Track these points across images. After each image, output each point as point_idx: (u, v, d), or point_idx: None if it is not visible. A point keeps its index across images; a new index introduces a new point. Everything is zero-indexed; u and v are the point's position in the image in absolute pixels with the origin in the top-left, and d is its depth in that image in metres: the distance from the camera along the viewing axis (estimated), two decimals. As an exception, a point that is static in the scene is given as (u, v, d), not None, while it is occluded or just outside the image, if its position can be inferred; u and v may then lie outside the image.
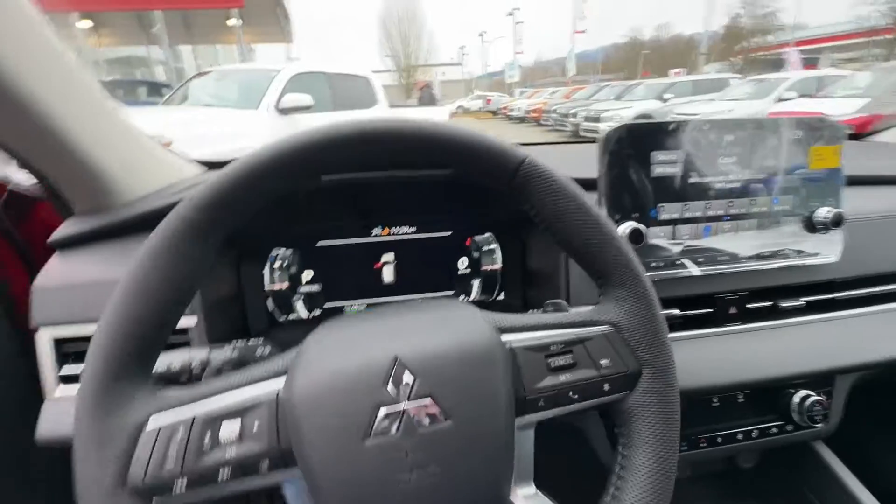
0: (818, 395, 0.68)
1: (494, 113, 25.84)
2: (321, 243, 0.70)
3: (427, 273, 0.74)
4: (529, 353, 0.37)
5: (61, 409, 0.54)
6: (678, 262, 0.63)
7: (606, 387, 0.37)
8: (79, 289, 0.56)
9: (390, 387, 0.32)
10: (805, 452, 0.74)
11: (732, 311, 0.67)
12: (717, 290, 0.66)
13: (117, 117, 0.64)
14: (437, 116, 6.49)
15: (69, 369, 0.55)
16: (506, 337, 0.37)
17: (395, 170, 0.48)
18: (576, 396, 0.37)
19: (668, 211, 0.63)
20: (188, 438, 0.31)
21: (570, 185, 0.39)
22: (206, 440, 0.31)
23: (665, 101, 10.07)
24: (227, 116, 3.81)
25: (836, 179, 0.67)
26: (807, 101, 6.64)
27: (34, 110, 0.51)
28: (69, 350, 0.56)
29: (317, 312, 0.71)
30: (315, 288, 0.71)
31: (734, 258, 0.65)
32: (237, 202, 0.34)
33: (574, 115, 11.68)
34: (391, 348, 0.34)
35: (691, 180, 0.63)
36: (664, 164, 0.62)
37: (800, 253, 0.67)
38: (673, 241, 0.63)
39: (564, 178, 0.39)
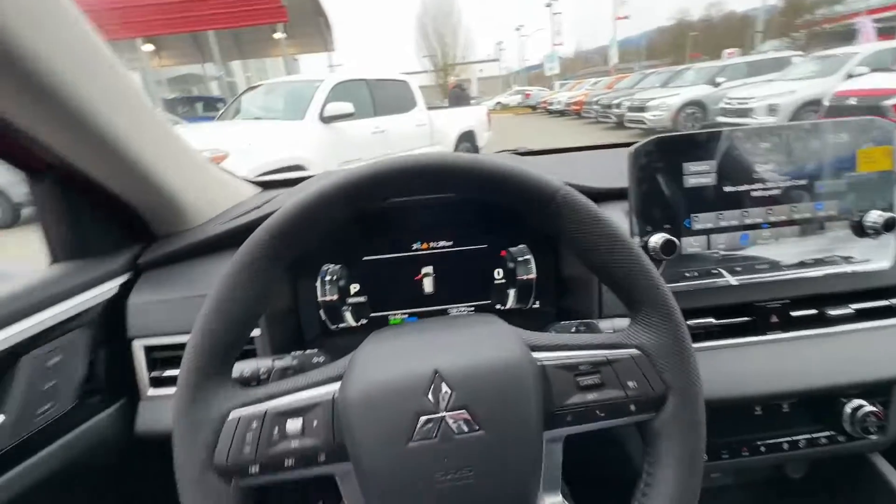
0: (873, 405, 0.65)
1: (534, 108, 25.39)
2: (366, 258, 0.76)
3: (464, 284, 0.78)
4: (559, 371, 0.39)
5: (154, 407, 0.64)
6: (714, 272, 0.63)
7: (632, 407, 0.39)
8: (164, 305, 0.65)
9: (430, 397, 0.37)
10: (860, 464, 0.72)
11: (774, 319, 0.66)
12: (757, 298, 0.65)
13: (187, 148, 0.73)
14: (470, 115, 6.47)
15: (159, 373, 0.64)
16: (537, 355, 0.40)
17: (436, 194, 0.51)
18: (602, 414, 0.39)
19: (703, 221, 0.63)
20: (261, 430, 0.37)
21: (603, 217, 0.41)
22: (275, 433, 0.37)
23: (717, 85, 9.46)
24: (276, 128, 4.04)
25: (889, 181, 0.64)
26: (882, 76, 6.01)
27: (129, 154, 0.60)
28: (158, 356, 0.65)
29: (363, 321, 0.78)
30: (361, 299, 0.77)
31: (775, 266, 0.64)
32: (307, 228, 0.40)
33: (617, 106, 11.25)
34: (432, 362, 0.38)
35: (726, 189, 0.63)
36: (697, 174, 0.62)
37: (848, 259, 0.64)
38: (708, 251, 0.63)
39: (597, 210, 0.41)
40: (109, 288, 0.65)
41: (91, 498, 0.63)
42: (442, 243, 0.77)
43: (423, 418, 0.36)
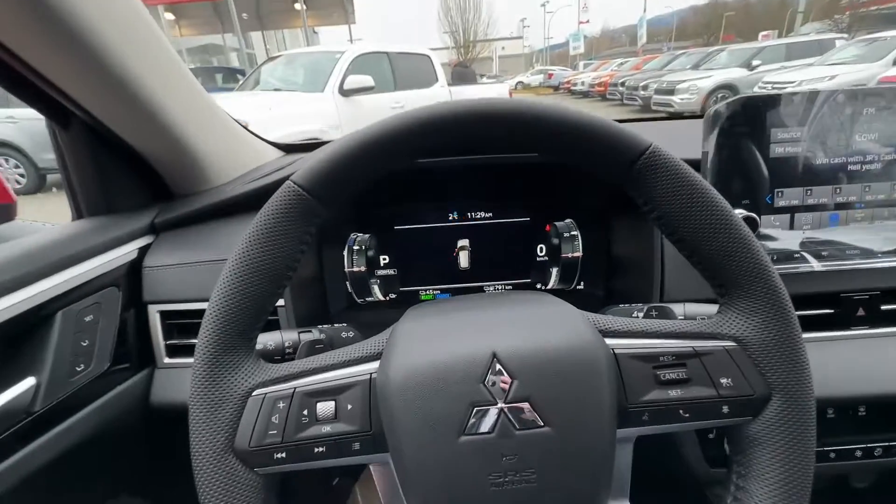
0: (964, 414, 0.58)
1: (556, 88, 24.69)
2: (398, 227, 0.70)
3: (503, 260, 0.71)
4: (635, 361, 0.34)
5: (170, 377, 0.60)
6: (796, 256, 0.56)
7: (725, 409, 0.33)
8: (180, 269, 0.60)
9: (487, 385, 0.31)
10: None
11: (860, 313, 0.58)
12: (842, 288, 0.57)
13: (211, 104, 0.68)
14: (493, 92, 6.19)
15: (176, 341, 0.60)
16: (609, 342, 0.34)
17: (497, 153, 0.44)
18: (687, 415, 0.33)
19: (787, 197, 0.55)
20: (288, 412, 0.32)
21: (700, 180, 0.34)
22: (305, 415, 0.32)
23: (753, 68, 9.01)
24: (295, 99, 3.96)
25: None
26: (936, 63, 5.62)
27: (155, 108, 0.56)
28: (175, 323, 0.61)
29: (392, 296, 0.72)
30: (391, 272, 0.71)
31: (866, 253, 0.56)
32: (341, 179, 0.34)
33: (644, 88, 10.83)
34: (488, 344, 0.32)
35: (818, 161, 0.54)
36: (785, 142, 0.54)
37: (955, 248, 0.56)
38: (791, 231, 0.56)
39: (692, 172, 0.34)
40: (133, 248, 0.61)
41: (121, 466, 0.61)
42: (480, 214, 0.70)
43: (477, 409, 0.31)
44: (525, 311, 0.37)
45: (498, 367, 0.32)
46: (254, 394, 0.33)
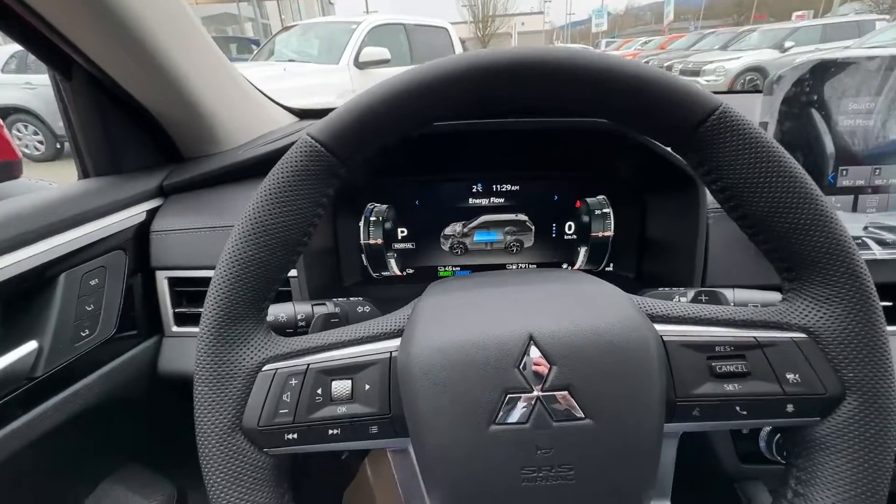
0: None
1: (576, 67, 23.95)
2: (418, 200, 0.66)
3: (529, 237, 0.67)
4: (687, 350, 0.30)
5: (178, 345, 0.58)
6: (857, 242, 0.50)
7: (790, 408, 0.30)
8: (190, 234, 0.57)
9: (521, 370, 0.28)
10: None
11: (923, 307, 0.53)
12: None
13: (227, 66, 0.65)
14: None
15: (184, 309, 0.58)
16: (658, 327, 0.30)
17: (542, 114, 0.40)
18: (744, 413, 0.30)
19: (853, 176, 0.50)
20: (301, 390, 0.30)
21: (778, 147, 0.29)
22: (319, 394, 0.30)
23: (785, 50, 8.60)
24: (310, 71, 3.88)
25: None
26: (984, 47, 5.28)
27: (167, 64, 0.53)
28: (184, 290, 0.58)
29: (409, 271, 0.69)
30: (409, 245, 0.67)
31: (937, 240, 0.50)
32: (364, 135, 0.30)
33: (669, 68, 10.45)
34: (523, 325, 0.29)
35: (892, 136, 0.49)
36: (856, 114, 0.48)
37: None
38: (853, 214, 0.50)
39: (770, 137, 0.29)
40: (141, 211, 0.58)
41: (128, 435, 0.60)
42: (506, 187, 0.65)
43: (510, 396, 0.28)
44: (564, 290, 0.33)
45: (535, 350, 0.28)
46: (264, 369, 0.30)
